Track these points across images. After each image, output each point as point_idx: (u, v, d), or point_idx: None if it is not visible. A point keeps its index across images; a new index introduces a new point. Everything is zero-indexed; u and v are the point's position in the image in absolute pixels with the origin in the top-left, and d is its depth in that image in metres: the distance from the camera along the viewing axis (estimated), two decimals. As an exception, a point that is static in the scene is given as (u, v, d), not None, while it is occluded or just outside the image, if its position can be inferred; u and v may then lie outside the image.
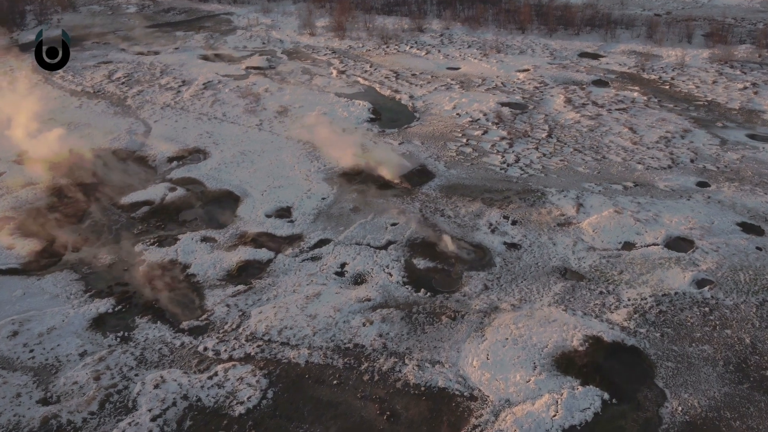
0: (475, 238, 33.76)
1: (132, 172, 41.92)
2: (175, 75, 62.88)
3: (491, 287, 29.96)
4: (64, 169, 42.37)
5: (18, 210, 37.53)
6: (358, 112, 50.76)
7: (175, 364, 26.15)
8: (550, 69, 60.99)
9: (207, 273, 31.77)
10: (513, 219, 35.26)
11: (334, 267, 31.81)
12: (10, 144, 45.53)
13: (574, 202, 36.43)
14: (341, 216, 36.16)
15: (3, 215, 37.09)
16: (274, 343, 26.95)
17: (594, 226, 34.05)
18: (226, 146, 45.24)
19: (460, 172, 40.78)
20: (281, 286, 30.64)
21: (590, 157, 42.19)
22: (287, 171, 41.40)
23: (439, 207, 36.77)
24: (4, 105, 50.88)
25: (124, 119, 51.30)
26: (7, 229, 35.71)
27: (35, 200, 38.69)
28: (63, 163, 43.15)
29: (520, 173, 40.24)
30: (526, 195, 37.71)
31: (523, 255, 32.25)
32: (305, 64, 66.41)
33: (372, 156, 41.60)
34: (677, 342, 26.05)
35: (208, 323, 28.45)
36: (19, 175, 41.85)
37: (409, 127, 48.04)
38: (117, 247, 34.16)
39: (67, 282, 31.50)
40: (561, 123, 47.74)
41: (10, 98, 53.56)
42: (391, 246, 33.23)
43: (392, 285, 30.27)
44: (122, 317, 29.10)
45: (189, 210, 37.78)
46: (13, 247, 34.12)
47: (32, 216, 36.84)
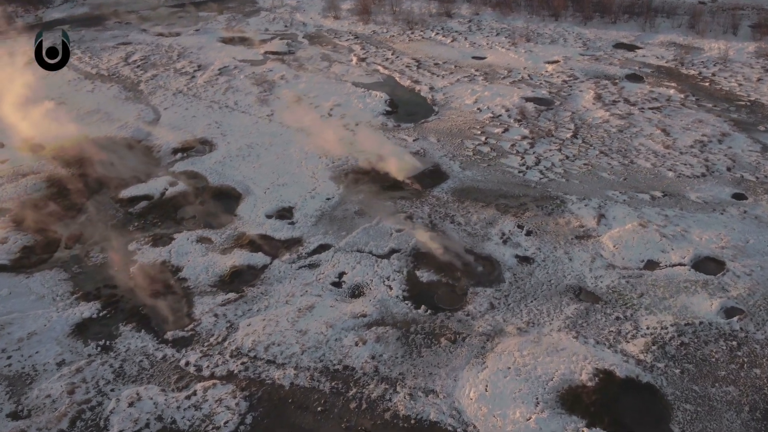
0: (485, 249, 31.46)
1: (135, 164, 40.52)
2: (191, 59, 61.34)
3: (498, 306, 27.72)
4: (67, 158, 41.29)
5: (15, 201, 36.48)
6: (374, 104, 48.48)
7: (154, 379, 24.68)
8: (581, 61, 57.60)
9: (198, 278, 30.21)
10: (528, 229, 32.82)
11: (332, 276, 29.92)
12: (17, 128, 44.59)
13: (596, 213, 33.76)
14: (345, 219, 34.19)
15: (0, 206, 36.09)
16: (260, 360, 25.26)
17: (615, 240, 31.41)
18: (234, 138, 43.53)
19: (476, 173, 38.33)
20: (274, 295, 28.91)
21: (617, 162, 39.26)
22: (294, 167, 39.51)
23: (449, 212, 34.49)
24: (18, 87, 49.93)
25: (134, 105, 49.97)
26: (1, 221, 34.69)
27: (34, 191, 37.60)
28: (67, 151, 42.08)
29: (540, 177, 37.62)
30: (544, 202, 35.15)
31: (536, 270, 29.86)
32: (326, 49, 64.17)
33: (383, 154, 39.39)
34: (699, 381, 23.53)
35: (194, 334, 26.90)
36: (22, 162, 40.85)
37: (426, 122, 45.61)
38: (110, 245, 32.81)
39: (55, 282, 30.29)
40: (588, 122, 44.73)
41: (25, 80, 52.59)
42: (394, 255, 31.17)
43: (391, 300, 28.26)
44: (106, 323, 27.74)
45: (188, 207, 36.22)
46: (6, 242, 33.04)
47: (29, 208, 35.72)
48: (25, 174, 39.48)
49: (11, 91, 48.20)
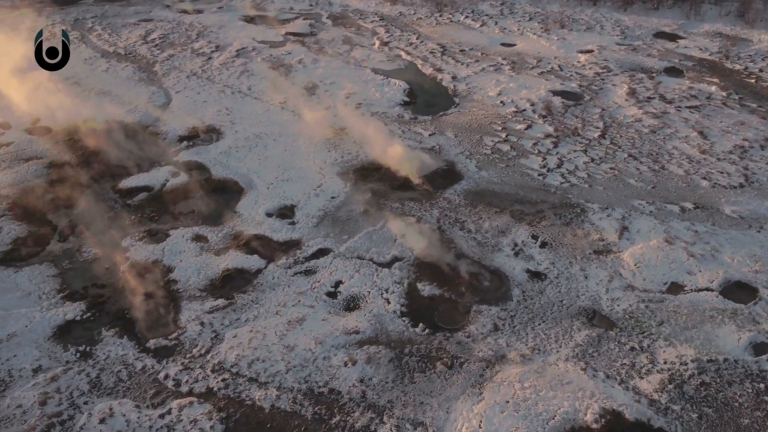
0: (494, 262, 29.27)
1: (139, 151, 39.16)
2: (210, 38, 59.69)
3: (502, 328, 25.61)
4: (71, 143, 40.23)
5: (15, 187, 35.50)
6: (391, 94, 46.15)
7: (130, 393, 23.37)
8: (617, 51, 54.06)
9: (189, 280, 28.77)
10: (543, 240, 30.45)
11: (328, 285, 28.15)
12: (27, 109, 43.72)
13: (618, 225, 31.15)
14: (348, 221, 32.29)
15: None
16: (242, 377, 23.73)
17: (637, 258, 28.86)
18: (243, 126, 41.83)
19: (492, 175, 35.91)
20: (265, 304, 27.29)
21: (646, 167, 36.35)
22: (301, 161, 37.65)
23: (460, 217, 32.30)
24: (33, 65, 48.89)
25: (146, 88, 48.62)
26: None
27: (35, 177, 36.59)
28: (72, 135, 41.00)
29: (561, 181, 35.02)
30: (563, 210, 32.64)
31: (547, 288, 27.59)
32: (349, 32, 61.77)
33: (395, 150, 37.22)
34: (718, 429, 21.15)
35: (177, 344, 25.50)
36: (27, 146, 39.91)
37: (445, 115, 43.16)
38: (104, 240, 31.59)
39: (43, 278, 29.20)
40: (619, 120, 41.68)
41: (41, 57, 51.60)
42: (396, 264, 29.22)
43: (387, 315, 26.37)
44: (89, 327, 26.55)
45: (188, 200, 34.79)
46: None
47: (27, 196, 34.76)
48: (28, 159, 38.52)
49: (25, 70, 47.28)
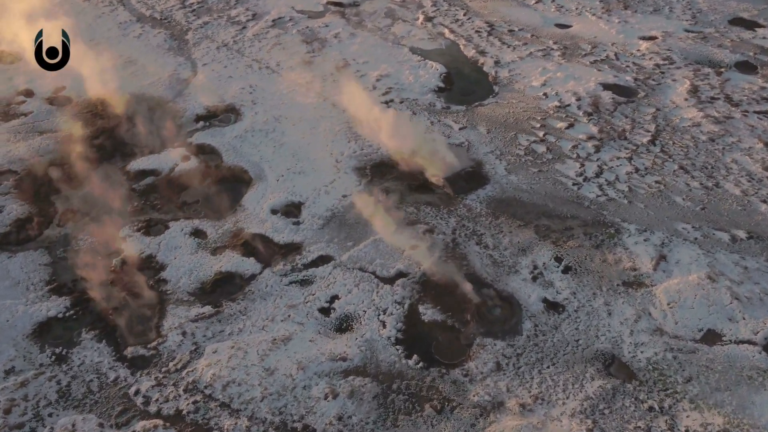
0: (509, 286, 26.42)
1: (154, 129, 37.52)
2: (249, 5, 57.09)
3: (505, 368, 22.97)
4: (89, 116, 38.99)
5: (25, 162, 34.54)
6: (426, 78, 42.87)
7: (97, 407, 22.13)
8: (684, 39, 48.69)
9: (179, 281, 27.19)
10: (567, 264, 27.33)
11: (322, 300, 26.02)
12: (51, 77, 42.64)
13: (655, 252, 27.63)
14: (356, 225, 29.90)
15: (8, 168, 34.30)
16: (214, 401, 22.07)
17: (672, 295, 25.45)
18: (264, 107, 39.59)
19: (522, 180, 32.63)
20: (253, 316, 25.45)
21: (698, 183, 32.26)
22: (317, 151, 35.25)
23: (478, 230, 29.40)
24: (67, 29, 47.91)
25: (174, 58, 46.80)
26: (3, 187, 32.90)
27: (46, 152, 35.51)
28: (92, 108, 39.75)
29: (597, 194, 31.45)
30: (595, 229, 29.26)
31: (563, 324, 24.65)
32: (393, 3, 58.05)
33: (419, 144, 34.32)
34: None
35: (155, 354, 24.05)
36: (44, 117, 38.89)
37: (481, 106, 39.68)
38: (103, 227, 30.30)
39: (35, 266, 28.22)
40: (674, 124, 37.29)
41: (76, 19, 50.65)
42: (400, 280, 26.77)
43: (381, 341, 24.10)
44: (70, 326, 25.43)
45: (194, 189, 33.08)
46: (1, 211, 31.25)
47: (35, 173, 33.77)
48: (42, 131, 37.49)
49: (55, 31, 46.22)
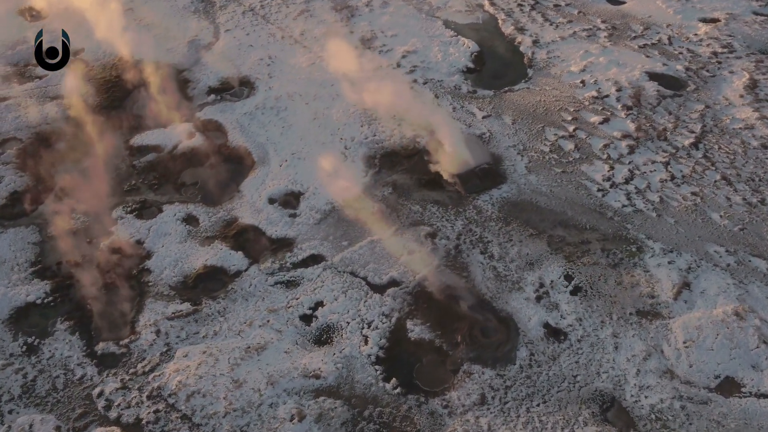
0: (509, 305, 24.17)
1: (164, 101, 36.08)
2: (283, -34, 54.54)
3: (490, 402, 20.98)
4: (102, 83, 37.79)
5: (31, 130, 33.75)
6: (456, 56, 39.80)
7: (58, 408, 21.39)
8: (749, 23, 43.68)
9: (162, 273, 26.03)
10: (577, 283, 24.81)
11: (306, 306, 24.42)
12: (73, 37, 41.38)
13: (679, 278, 24.75)
14: (355, 222, 27.97)
15: (13, 135, 33.63)
16: (176, 412, 20.99)
17: (690, 331, 22.72)
18: (279, 82, 37.52)
19: (542, 181, 29.85)
20: (230, 318, 24.11)
21: (741, 197, 28.79)
22: (327, 134, 33.19)
23: (485, 236, 27.04)
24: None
25: (197, 23, 44.85)
26: (6, 156, 32.26)
27: (53, 120, 34.57)
28: (105, 74, 38.51)
29: (624, 203, 28.46)
30: (615, 245, 26.46)
31: (563, 355, 22.36)
32: (434, -32, 54.40)
33: (434, 134, 31.83)
34: None
35: (125, 353, 23.09)
36: (58, 81, 37.83)
37: (510, 92, 36.57)
38: (97, 206, 29.36)
39: (23, 245, 27.56)
40: (723, 125, 33.41)
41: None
42: (391, 290, 24.87)
43: (360, 359, 22.40)
44: (46, 314, 24.73)
45: (195, 169, 31.77)
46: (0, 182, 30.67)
47: (39, 142, 33.00)
48: (54, 97, 36.52)
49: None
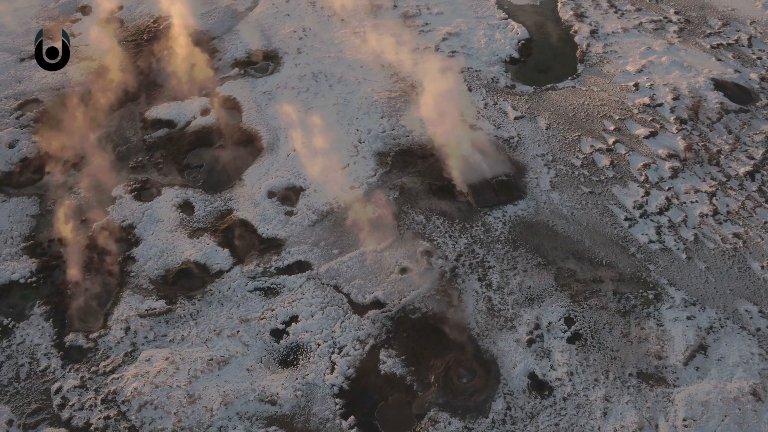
0: (496, 346, 22.02)
1: (187, 71, 34.85)
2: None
3: (450, 458, 19.23)
4: (132, 46, 37.01)
5: (52, 93, 33.49)
6: (501, 44, 36.39)
7: (15, 400, 21.30)
8: None
9: (145, 264, 25.31)
10: (577, 329, 22.30)
11: (280, 319, 23.14)
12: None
13: (696, 339, 21.75)
14: (351, 229, 26.19)
15: (36, 96, 33.49)
16: (125, 422, 20.42)
17: (694, 408, 19.94)
18: (306, 59, 35.50)
19: (565, 202, 26.92)
20: (202, 323, 23.17)
21: (792, 246, 25.02)
22: (344, 124, 31.17)
23: (487, 260, 24.70)
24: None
25: (238, -15, 43.26)
26: (25, 118, 32.16)
27: (76, 84, 34.17)
28: (138, 36, 37.66)
29: (651, 238, 25.26)
30: (630, 288, 23.55)
31: (542, 414, 20.19)
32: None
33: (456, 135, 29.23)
34: None
35: (91, 348, 22.67)
36: (89, 41, 37.33)
37: (553, 90, 33.12)
38: (99, 182, 28.92)
39: (22, 216, 27.53)
40: (792, 152, 29.05)
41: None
42: (372, 312, 23.14)
43: (322, 389, 21.02)
44: (27, 295, 24.66)
45: (203, 149, 30.69)
46: (13, 146, 30.65)
47: (58, 106, 32.62)
48: (82, 58, 36.07)
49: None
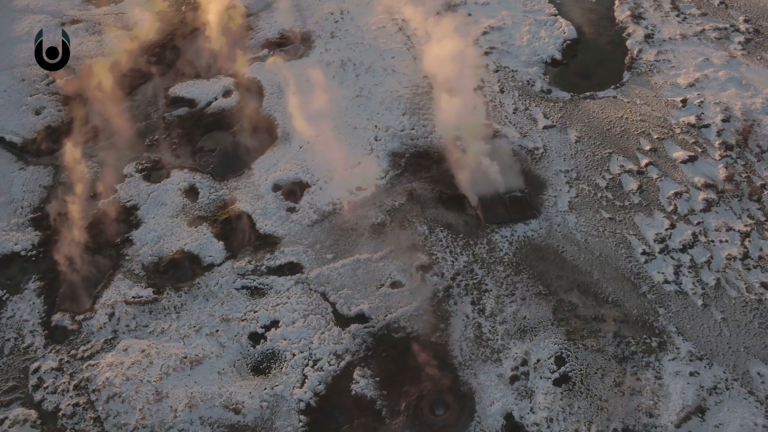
0: (476, 380, 20.88)
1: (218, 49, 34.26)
2: None
3: (405, 496, 18.43)
4: (170, 18, 36.69)
5: (84, 61, 33.67)
6: (544, 42, 34.03)
7: (-3, 375, 21.74)
8: None
9: (141, 249, 25.37)
10: (567, 371, 20.88)
11: (261, 322, 22.74)
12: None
13: (695, 398, 19.93)
14: (350, 233, 25.34)
15: (69, 64, 33.52)
16: (91, 411, 20.65)
17: (678, 476, 18.32)
18: (339, 44, 34.28)
19: (580, 226, 25.07)
20: (184, 317, 23.04)
21: (827, 305, 22.43)
22: (364, 117, 30.06)
23: (484, 284, 23.37)
24: None
25: (285, -41, 42.18)
26: (55, 85, 32.58)
27: (109, 53, 34.26)
28: (177, 6, 37.32)
29: (668, 278, 23.20)
30: (633, 332, 21.77)
31: (512, 460, 19.02)
32: None
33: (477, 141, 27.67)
34: None
35: (75, 330, 23.00)
36: (130, 9, 37.26)
37: (591, 99, 30.74)
38: (114, 157, 29.11)
39: (35, 187, 28.17)
40: None
41: None
42: (355, 326, 22.36)
43: (288, 403, 20.55)
44: (25, 267, 25.25)
45: (219, 133, 30.36)
46: (39, 113, 31.17)
47: (88, 75, 32.77)
48: (120, 26, 36.16)
49: None
